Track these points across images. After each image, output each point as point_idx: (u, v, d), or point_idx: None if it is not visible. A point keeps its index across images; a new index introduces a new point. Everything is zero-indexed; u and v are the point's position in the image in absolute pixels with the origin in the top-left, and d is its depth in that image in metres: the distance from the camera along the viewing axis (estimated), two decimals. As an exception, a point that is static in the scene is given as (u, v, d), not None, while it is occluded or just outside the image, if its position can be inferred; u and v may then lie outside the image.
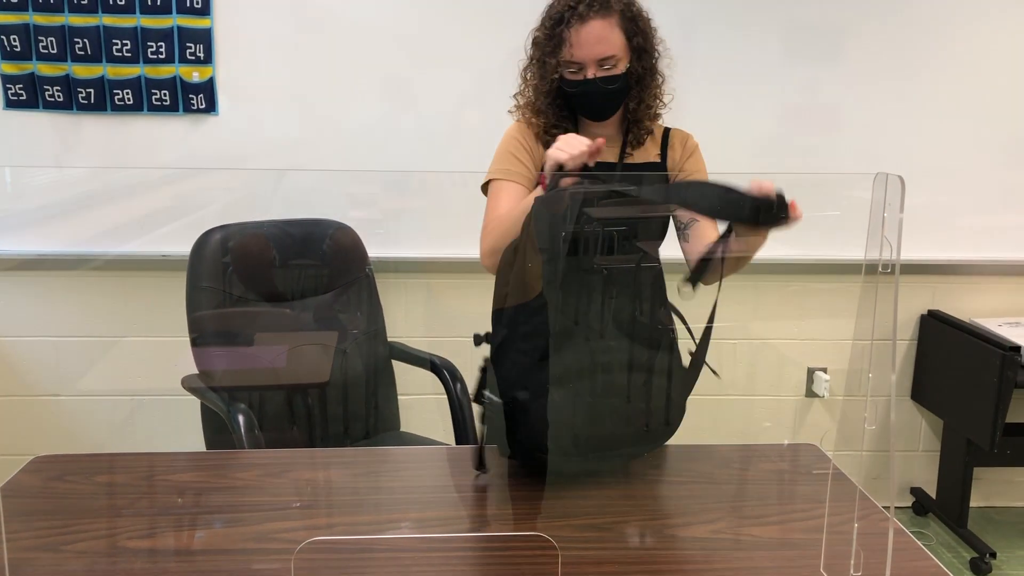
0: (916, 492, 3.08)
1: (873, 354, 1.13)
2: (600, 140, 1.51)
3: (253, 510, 1.36)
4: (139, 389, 2.81)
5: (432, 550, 1.26)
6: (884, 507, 1.37)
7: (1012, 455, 2.75)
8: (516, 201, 1.76)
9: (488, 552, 1.26)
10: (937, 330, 2.89)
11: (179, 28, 2.55)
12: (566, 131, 1.76)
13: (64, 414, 2.83)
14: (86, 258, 2.71)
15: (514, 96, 1.84)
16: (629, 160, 1.82)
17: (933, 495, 3.03)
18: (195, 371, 2.07)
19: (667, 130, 1.88)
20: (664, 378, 1.50)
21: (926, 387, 2.96)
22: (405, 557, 1.24)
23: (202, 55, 2.58)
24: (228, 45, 2.60)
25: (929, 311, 2.95)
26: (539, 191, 1.59)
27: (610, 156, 1.81)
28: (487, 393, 1.43)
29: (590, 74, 1.69)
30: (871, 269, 1.02)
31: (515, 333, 1.43)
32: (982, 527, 2.96)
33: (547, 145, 1.78)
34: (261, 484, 1.47)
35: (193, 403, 2.09)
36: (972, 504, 2.91)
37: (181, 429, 2.80)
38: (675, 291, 1.52)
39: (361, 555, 1.24)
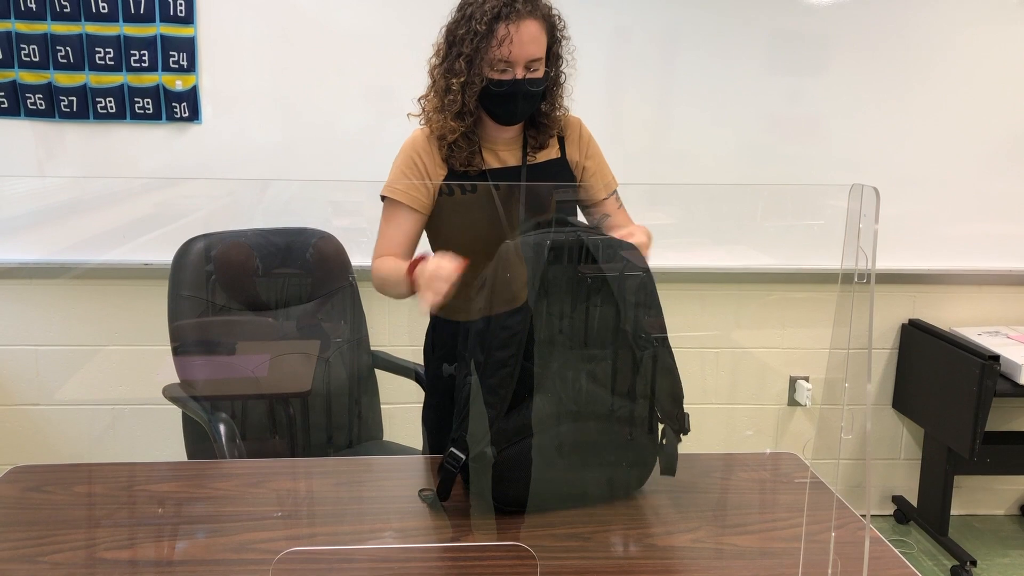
0: (898, 500, 3.10)
1: (850, 364, 1.14)
2: (464, 261, 1.49)
3: (233, 520, 1.35)
4: (120, 398, 2.79)
5: (413, 560, 1.26)
6: (861, 515, 1.37)
7: (992, 463, 2.77)
8: (405, 232, 1.79)
9: (468, 562, 1.26)
10: (918, 339, 2.91)
11: (162, 36, 2.55)
12: (469, 142, 1.75)
13: (44, 423, 2.80)
14: (68, 266, 2.69)
15: (420, 100, 1.80)
16: (532, 162, 1.82)
17: (914, 503, 3.05)
18: (177, 380, 2.06)
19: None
20: (647, 387, 1.51)
21: (907, 396, 2.98)
22: (385, 567, 1.24)
23: (185, 63, 2.57)
24: (212, 53, 2.59)
25: (910, 320, 2.97)
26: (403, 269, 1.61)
27: (512, 160, 1.80)
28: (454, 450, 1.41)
29: (519, 74, 1.68)
30: (847, 279, 1.03)
31: (483, 384, 1.42)
32: (963, 535, 2.98)
33: (448, 156, 1.76)
34: (242, 494, 1.46)
35: (174, 412, 2.08)
36: (953, 512, 2.92)
37: (162, 439, 2.78)
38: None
39: (341, 565, 1.23)
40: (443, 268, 1.47)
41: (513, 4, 1.65)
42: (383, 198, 1.82)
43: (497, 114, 1.74)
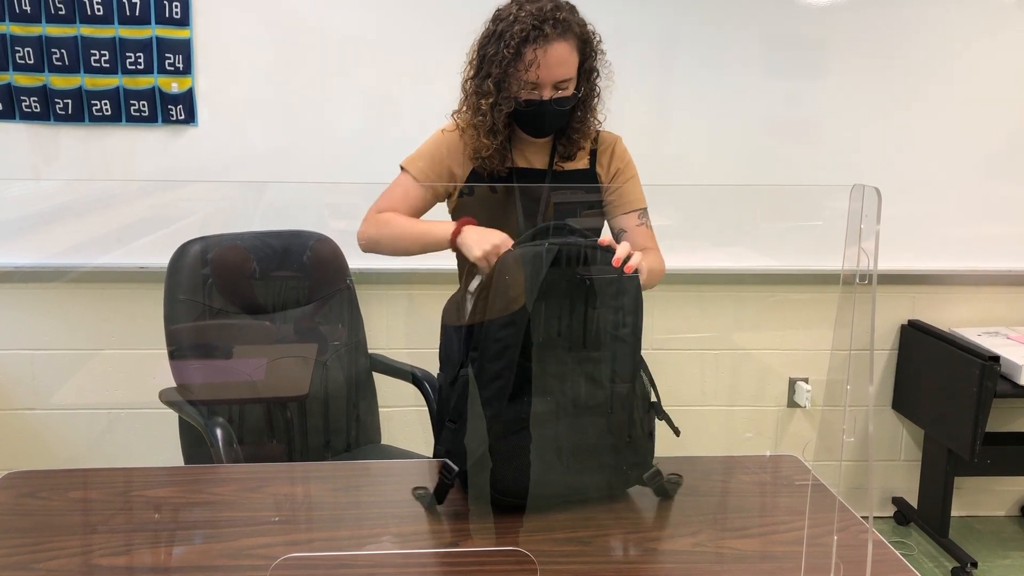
0: (898, 502, 3.09)
1: (852, 365, 1.13)
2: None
3: (230, 525, 1.34)
4: (116, 402, 2.77)
5: (411, 565, 1.25)
6: (863, 517, 1.37)
7: (992, 464, 2.76)
8: (412, 207, 1.82)
9: (467, 568, 1.25)
10: (917, 340, 2.91)
11: (158, 38, 2.54)
12: (501, 150, 1.75)
13: (39, 428, 2.79)
14: (63, 270, 2.68)
15: (454, 116, 1.82)
16: (558, 169, 1.83)
17: (915, 505, 3.04)
18: (173, 384, 2.04)
19: (596, 134, 1.88)
20: (646, 388, 1.50)
21: (907, 397, 2.97)
22: (383, 573, 1.23)
23: (181, 66, 2.56)
24: (208, 56, 2.58)
25: (909, 321, 2.97)
26: (445, 226, 1.67)
27: (539, 163, 1.82)
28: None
29: (545, 95, 1.69)
30: (849, 280, 1.02)
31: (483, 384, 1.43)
32: (963, 536, 2.97)
33: (480, 163, 1.78)
34: (239, 499, 1.45)
35: (171, 417, 2.07)
36: (953, 513, 2.91)
37: (158, 443, 2.77)
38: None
39: (339, 571, 1.22)
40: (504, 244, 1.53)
41: (541, 27, 1.65)
42: (402, 168, 1.86)
43: (526, 130, 1.77)
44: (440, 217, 1.81)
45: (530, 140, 1.81)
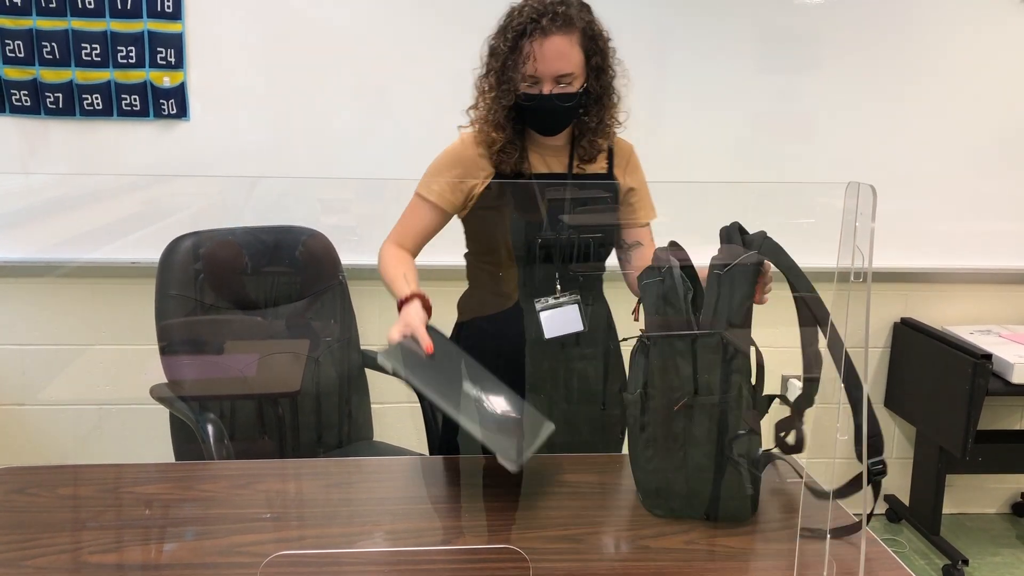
0: (889, 499, 3.10)
1: (846, 363, 1.12)
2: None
3: (221, 522, 1.34)
4: (106, 398, 2.76)
5: (402, 563, 1.24)
6: (856, 514, 1.37)
7: (984, 462, 2.77)
8: (423, 226, 1.77)
9: (459, 565, 1.24)
10: (910, 338, 2.91)
11: (149, 32, 2.52)
12: (516, 148, 1.74)
13: (29, 424, 2.77)
14: (54, 265, 2.66)
15: (468, 111, 1.80)
16: (579, 171, 1.81)
17: (906, 502, 3.05)
18: (164, 380, 2.04)
19: (612, 135, 1.85)
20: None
21: (899, 395, 2.98)
22: (375, 570, 1.22)
23: (173, 60, 2.55)
24: (200, 50, 2.56)
25: (902, 319, 2.97)
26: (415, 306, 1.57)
27: (558, 167, 1.79)
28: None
29: (546, 89, 1.67)
30: (843, 278, 1.02)
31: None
32: (955, 534, 2.98)
33: (498, 162, 1.76)
34: (230, 496, 1.44)
35: (162, 413, 2.06)
36: (945, 511, 2.92)
37: (149, 439, 2.75)
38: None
39: (330, 568, 1.22)
40: (414, 322, 1.49)
41: (539, 21, 1.64)
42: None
43: (533, 126, 1.74)
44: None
45: (547, 143, 1.78)
